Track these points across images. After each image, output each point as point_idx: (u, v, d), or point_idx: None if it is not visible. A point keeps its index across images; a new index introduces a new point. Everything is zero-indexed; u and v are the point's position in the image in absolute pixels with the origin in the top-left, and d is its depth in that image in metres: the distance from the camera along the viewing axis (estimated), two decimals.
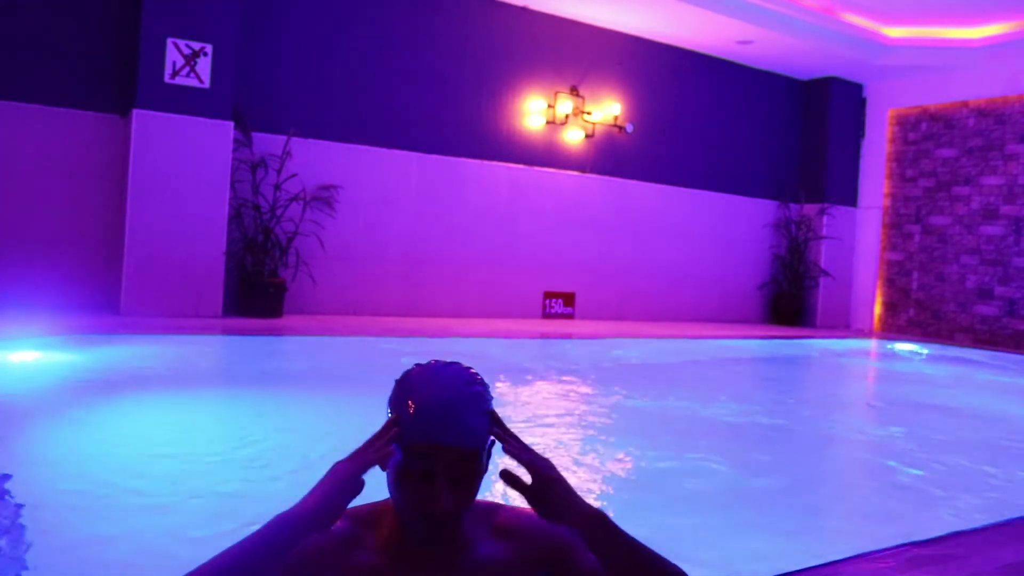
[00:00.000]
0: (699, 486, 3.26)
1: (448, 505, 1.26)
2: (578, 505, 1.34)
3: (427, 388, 1.30)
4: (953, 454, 4.16)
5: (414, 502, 1.28)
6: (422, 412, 1.28)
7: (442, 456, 1.27)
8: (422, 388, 1.30)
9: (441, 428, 1.26)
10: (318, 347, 6.37)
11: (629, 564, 1.32)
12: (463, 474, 1.29)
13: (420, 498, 1.28)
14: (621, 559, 1.32)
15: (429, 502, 1.27)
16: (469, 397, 1.30)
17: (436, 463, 1.27)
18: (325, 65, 7.74)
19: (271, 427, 3.82)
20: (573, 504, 1.34)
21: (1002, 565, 2.32)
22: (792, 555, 2.37)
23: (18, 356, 4.84)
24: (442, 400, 1.28)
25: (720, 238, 10.45)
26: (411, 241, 8.25)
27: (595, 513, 1.34)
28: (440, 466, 1.27)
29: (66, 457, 3.03)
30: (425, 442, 1.27)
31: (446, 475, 1.27)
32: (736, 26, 8.95)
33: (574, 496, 1.36)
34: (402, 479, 1.29)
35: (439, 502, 1.26)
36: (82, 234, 6.74)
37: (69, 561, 2.08)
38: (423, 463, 1.27)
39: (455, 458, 1.27)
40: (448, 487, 1.27)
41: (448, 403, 1.28)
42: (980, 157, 9.97)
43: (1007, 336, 9.64)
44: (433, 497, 1.26)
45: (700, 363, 7.44)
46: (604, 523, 1.33)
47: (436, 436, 1.26)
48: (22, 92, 6.48)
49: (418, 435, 1.27)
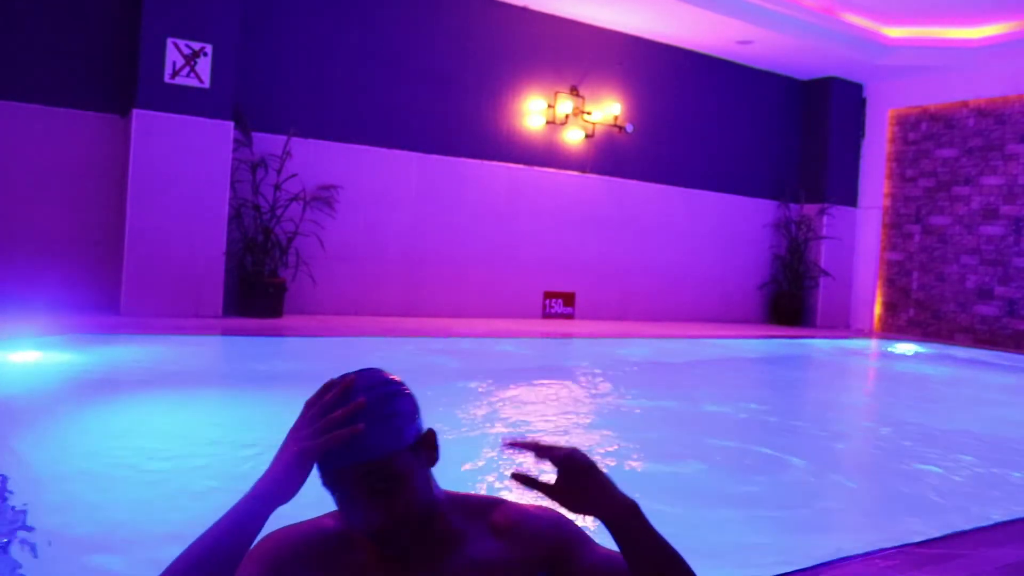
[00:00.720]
0: (699, 486, 3.26)
1: (380, 519, 1.24)
2: (614, 494, 1.31)
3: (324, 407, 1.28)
4: (953, 454, 4.16)
5: (355, 524, 1.28)
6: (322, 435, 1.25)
7: (348, 477, 1.24)
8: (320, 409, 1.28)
9: (339, 451, 1.23)
10: (318, 347, 6.37)
11: (653, 558, 1.30)
12: (381, 485, 1.25)
13: (353, 518, 1.27)
14: (647, 552, 1.30)
15: (361, 520, 1.26)
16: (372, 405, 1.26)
17: (346, 484, 1.25)
18: (325, 65, 7.74)
19: (271, 427, 3.82)
20: (609, 493, 1.31)
21: (1002, 565, 2.32)
22: (792, 555, 2.37)
23: (18, 356, 4.84)
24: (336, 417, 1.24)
25: (720, 238, 10.45)
26: (411, 241, 8.25)
27: (630, 504, 1.31)
28: (351, 486, 1.24)
29: (66, 457, 3.03)
30: (329, 468, 1.26)
31: (363, 492, 1.24)
32: (736, 26, 8.95)
33: (610, 485, 1.32)
34: (339, 506, 1.30)
35: (369, 518, 1.25)
36: (82, 234, 6.74)
37: (69, 561, 2.08)
38: (337, 487, 1.26)
39: (362, 474, 1.24)
40: (372, 502, 1.24)
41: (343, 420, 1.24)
42: (980, 157, 9.97)
43: (1007, 336, 9.64)
44: (362, 515, 1.25)
45: (700, 363, 7.44)
46: (637, 515, 1.31)
47: (336, 461, 1.24)
48: (22, 92, 6.48)
49: (322, 464, 1.26)
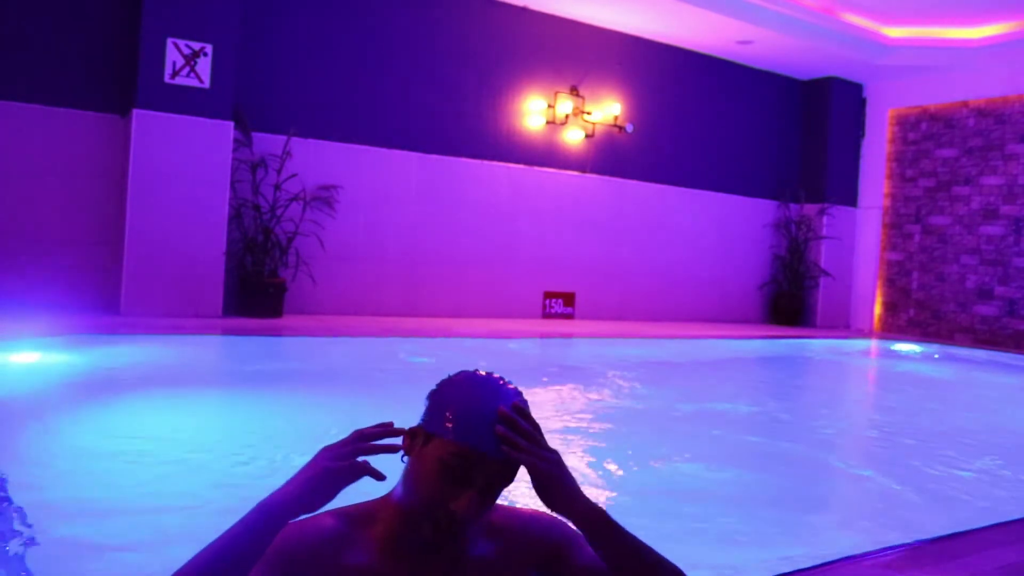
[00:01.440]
0: (698, 485, 3.26)
1: (471, 513, 1.27)
2: (580, 500, 1.35)
3: (487, 395, 1.31)
4: (953, 454, 4.16)
5: (436, 498, 1.28)
6: (484, 417, 1.29)
7: (487, 466, 1.28)
8: (482, 392, 1.31)
9: (485, 443, 1.28)
10: (318, 347, 6.37)
11: (629, 561, 1.33)
12: (497, 487, 1.30)
13: (445, 496, 1.27)
14: (621, 556, 1.33)
15: (454, 502, 1.27)
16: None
17: (478, 470, 1.27)
18: (325, 65, 7.74)
19: (271, 427, 3.82)
20: (576, 499, 1.35)
21: (1002, 565, 2.32)
22: (792, 555, 2.37)
23: (18, 356, 4.83)
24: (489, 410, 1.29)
25: (720, 238, 10.45)
26: (411, 241, 8.25)
27: (596, 509, 1.35)
28: (480, 474, 1.28)
29: (66, 457, 3.03)
30: (477, 449, 1.27)
31: (481, 483, 1.28)
32: (736, 26, 8.95)
33: (577, 491, 1.36)
34: (434, 474, 1.28)
35: (464, 506, 1.26)
36: (82, 234, 6.74)
37: (69, 561, 2.08)
38: (465, 466, 1.27)
39: (496, 471, 1.29)
40: (479, 494, 1.28)
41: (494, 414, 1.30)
42: (980, 157, 9.97)
43: (1007, 336, 9.64)
44: (460, 499, 1.27)
45: (700, 363, 7.44)
46: (605, 520, 1.35)
47: (484, 444, 1.27)
48: (22, 92, 6.48)
49: (472, 438, 1.27)
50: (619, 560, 1.34)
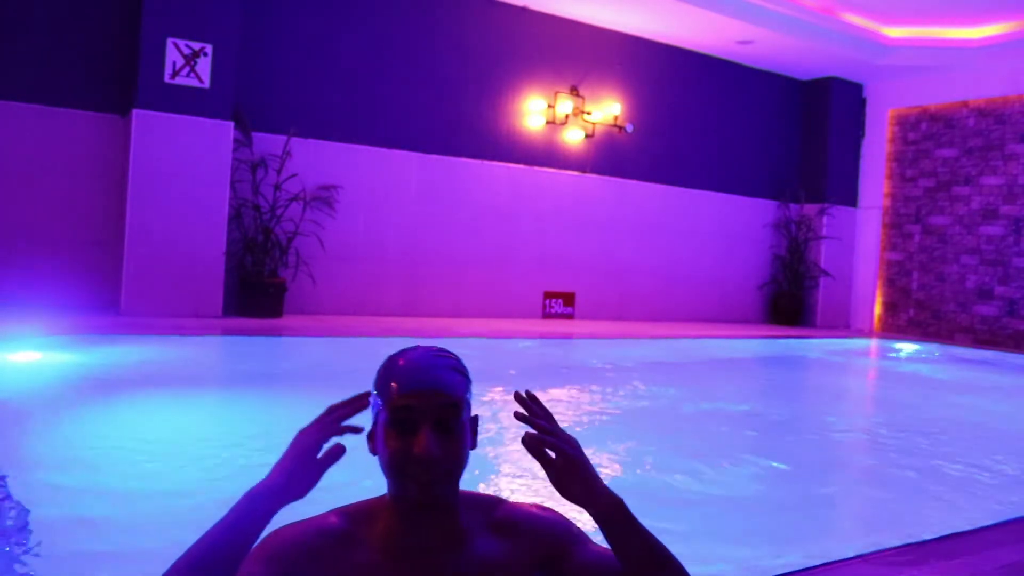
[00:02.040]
0: (698, 485, 3.26)
1: (433, 448, 1.28)
2: (599, 490, 1.36)
3: (408, 353, 1.38)
4: (953, 454, 4.16)
5: (400, 453, 1.30)
6: (404, 367, 1.35)
7: (423, 400, 1.30)
8: (404, 354, 1.39)
9: (421, 377, 1.32)
10: (318, 347, 6.37)
11: (641, 555, 1.34)
12: (446, 420, 1.31)
13: (406, 447, 1.30)
14: (634, 549, 1.34)
15: (415, 448, 1.29)
16: (446, 359, 1.38)
17: (418, 409, 1.30)
18: (325, 65, 7.74)
19: (271, 427, 3.82)
20: (595, 488, 1.36)
21: (1002, 565, 2.32)
22: (792, 555, 2.37)
23: (19, 356, 4.84)
24: (422, 358, 1.36)
25: (720, 238, 10.45)
26: (411, 241, 8.25)
27: (615, 500, 1.36)
28: (423, 414, 1.30)
29: (66, 457, 3.03)
30: (407, 391, 1.31)
31: (429, 421, 1.30)
32: (736, 26, 8.95)
33: (597, 480, 1.37)
34: (388, 435, 1.32)
35: (422, 443, 1.28)
36: (82, 234, 6.74)
37: (70, 561, 2.08)
38: (406, 412, 1.31)
39: (436, 404, 1.31)
40: (433, 432, 1.30)
41: (427, 361, 1.35)
42: (980, 157, 9.97)
43: (1007, 336, 9.64)
44: (419, 443, 1.29)
45: (700, 363, 7.44)
46: (622, 511, 1.35)
47: (416, 384, 1.31)
48: (22, 92, 6.48)
49: (401, 388, 1.32)
50: (632, 555, 1.34)
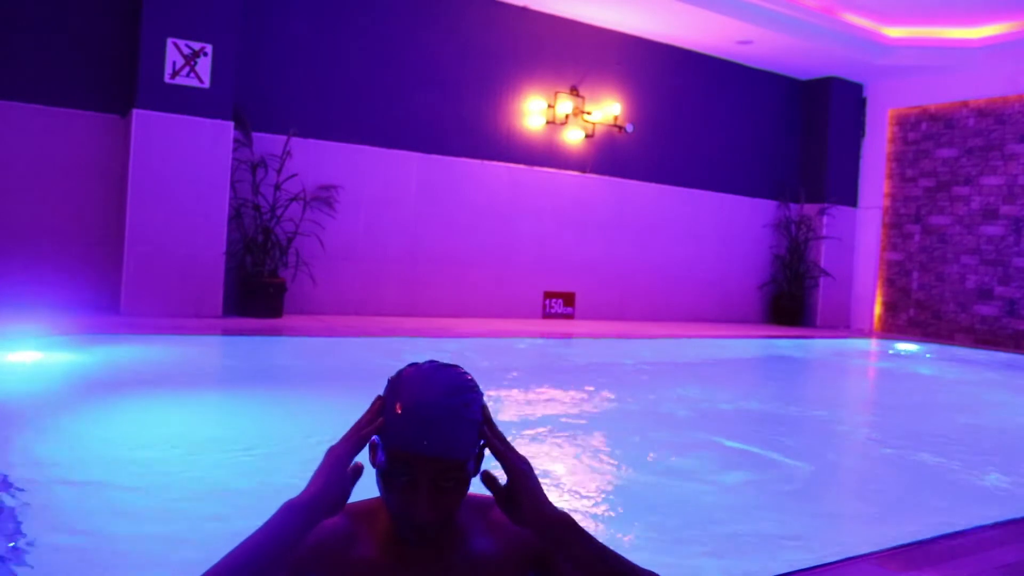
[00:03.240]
0: (699, 485, 3.26)
1: (429, 515, 1.26)
2: (544, 507, 1.32)
3: (416, 394, 1.27)
4: (953, 454, 4.16)
5: (398, 505, 1.29)
6: (409, 419, 1.25)
7: (425, 466, 1.25)
8: (411, 392, 1.28)
9: (426, 439, 1.24)
10: (318, 347, 6.37)
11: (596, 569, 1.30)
12: (447, 484, 1.28)
13: (403, 502, 1.28)
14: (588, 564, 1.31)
15: (411, 508, 1.26)
16: (458, 407, 1.27)
17: (419, 472, 1.25)
18: (325, 65, 7.74)
19: (271, 427, 3.83)
20: (540, 506, 1.32)
21: (1002, 565, 2.32)
22: (792, 555, 2.38)
23: (19, 356, 4.84)
24: (430, 409, 1.25)
25: (720, 238, 10.45)
26: (411, 241, 8.25)
27: (560, 517, 1.32)
28: (423, 476, 1.25)
29: (66, 457, 3.03)
30: (409, 451, 1.25)
31: (428, 485, 1.26)
32: (736, 26, 8.95)
33: (542, 497, 1.33)
34: (386, 482, 1.29)
35: (420, 511, 1.26)
36: (82, 234, 6.74)
37: (70, 560, 2.08)
38: (406, 470, 1.26)
39: (439, 469, 1.26)
40: (430, 496, 1.26)
41: (435, 414, 1.25)
42: (980, 157, 9.97)
43: (1007, 336, 9.64)
44: (415, 504, 1.26)
45: (700, 363, 7.44)
46: (569, 527, 1.31)
47: (420, 447, 1.24)
48: (22, 92, 6.48)
49: (402, 442, 1.25)
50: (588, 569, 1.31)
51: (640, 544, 2.41)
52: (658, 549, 2.34)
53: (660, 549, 2.34)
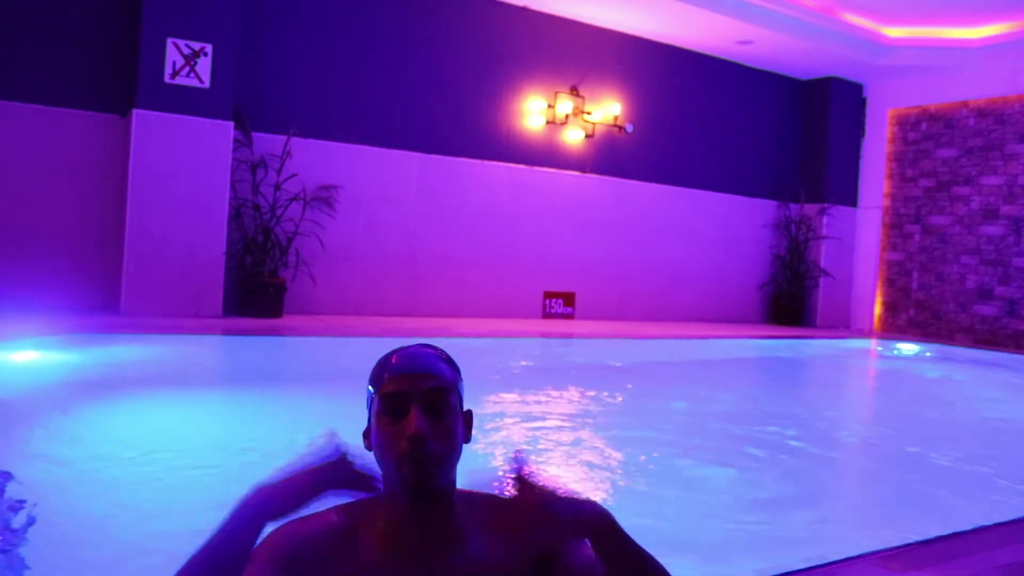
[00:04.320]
0: (697, 485, 3.26)
1: (424, 427, 1.31)
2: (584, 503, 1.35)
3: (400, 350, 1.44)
4: (953, 454, 4.16)
5: (392, 439, 1.33)
6: (399, 358, 1.40)
7: (412, 383, 1.34)
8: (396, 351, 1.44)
9: (410, 362, 1.38)
10: (318, 347, 6.37)
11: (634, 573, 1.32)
12: (435, 403, 1.35)
13: (398, 433, 1.32)
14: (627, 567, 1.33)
15: (405, 428, 1.31)
16: (435, 350, 1.44)
17: (409, 392, 1.34)
18: (325, 65, 7.74)
19: (271, 427, 3.83)
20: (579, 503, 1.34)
21: (1002, 565, 2.32)
22: (792, 555, 2.38)
23: (18, 356, 4.84)
24: (412, 349, 1.42)
25: (720, 238, 10.45)
26: (411, 241, 8.25)
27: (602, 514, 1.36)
28: (414, 394, 1.34)
29: (66, 457, 3.03)
30: (397, 374, 1.36)
31: (419, 402, 1.33)
32: (736, 26, 8.95)
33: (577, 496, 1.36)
34: (381, 423, 1.36)
35: (413, 423, 1.31)
36: (82, 234, 6.73)
37: (70, 560, 2.08)
38: (397, 396, 1.34)
39: (426, 388, 1.35)
40: (424, 414, 1.33)
41: (420, 351, 1.42)
42: (980, 157, 9.97)
43: (1007, 336, 9.64)
44: (409, 424, 1.31)
45: (700, 363, 7.44)
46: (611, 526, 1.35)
47: (406, 368, 1.37)
48: (22, 92, 6.47)
49: (394, 371, 1.37)
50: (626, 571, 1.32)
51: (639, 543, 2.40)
52: (658, 549, 2.34)
53: (660, 549, 2.34)
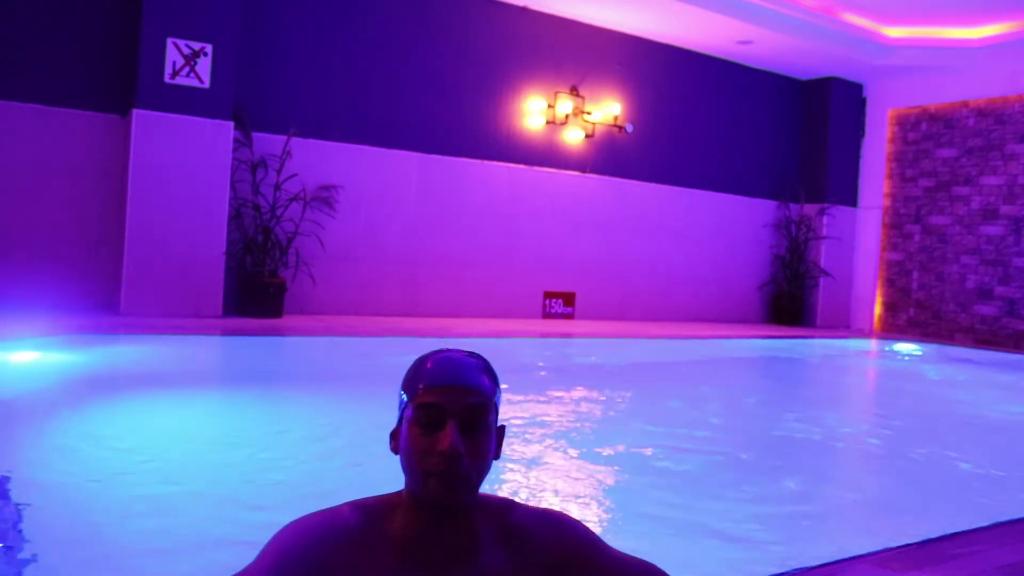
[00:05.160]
0: (697, 485, 3.26)
1: (457, 446, 1.27)
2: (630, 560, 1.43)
3: (439, 354, 1.38)
4: (953, 454, 4.16)
5: (423, 450, 1.29)
6: (438, 364, 1.35)
7: (451, 396, 1.30)
8: (434, 355, 1.38)
9: (450, 374, 1.32)
10: (318, 347, 6.37)
11: None
12: (472, 420, 1.31)
13: (431, 445, 1.29)
14: None
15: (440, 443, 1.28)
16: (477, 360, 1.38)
17: (446, 405, 1.30)
18: (325, 65, 7.74)
19: (271, 427, 3.82)
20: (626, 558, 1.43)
21: (1002, 565, 2.32)
22: (792, 555, 2.37)
23: (18, 356, 4.83)
24: (452, 357, 1.36)
25: (720, 238, 10.45)
26: (411, 241, 8.25)
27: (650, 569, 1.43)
28: (451, 408, 1.30)
29: (66, 457, 3.03)
30: (439, 384, 1.31)
31: (456, 417, 1.30)
32: (736, 26, 8.95)
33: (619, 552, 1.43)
34: (412, 432, 1.32)
35: (447, 440, 1.27)
36: (82, 234, 6.74)
37: (70, 561, 2.08)
38: (433, 409, 1.30)
39: (464, 404, 1.30)
40: (459, 430, 1.29)
41: (457, 360, 1.36)
42: (980, 157, 9.97)
43: (1007, 336, 9.64)
44: (443, 439, 1.28)
45: (700, 363, 7.44)
46: None
47: (449, 379, 1.32)
48: (22, 92, 6.48)
49: (431, 380, 1.32)
50: None
51: (641, 544, 2.40)
52: (658, 549, 2.34)
53: (660, 549, 2.34)
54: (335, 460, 3.21)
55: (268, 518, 1.46)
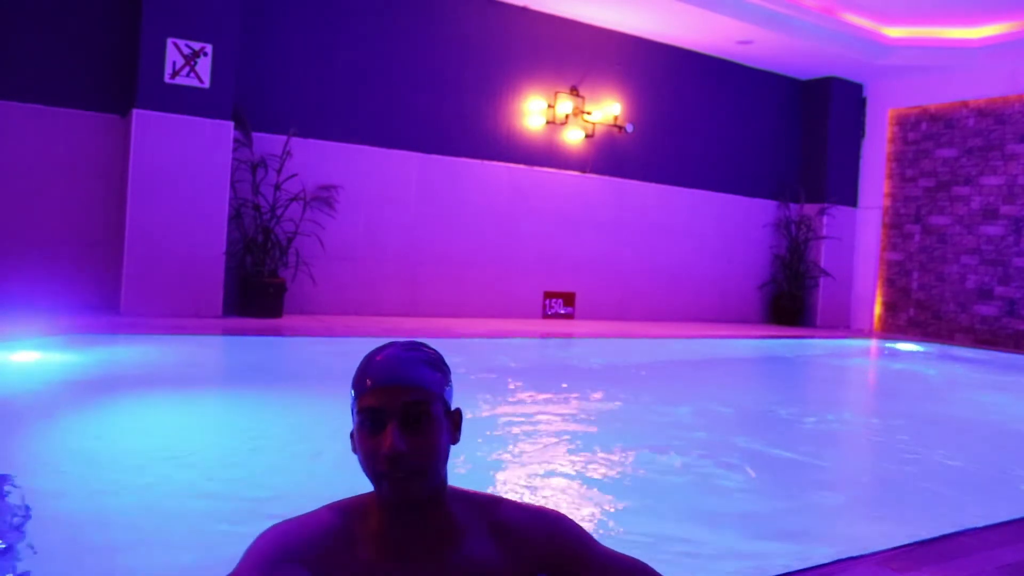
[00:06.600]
0: (698, 485, 3.26)
1: (400, 445, 1.26)
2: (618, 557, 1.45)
3: (382, 350, 1.36)
4: (953, 454, 4.16)
5: (370, 453, 1.29)
6: (372, 365, 1.33)
7: (388, 397, 1.29)
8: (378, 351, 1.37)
9: (386, 374, 1.31)
10: (318, 347, 6.37)
11: None
12: (414, 417, 1.30)
13: (376, 447, 1.29)
14: None
15: (382, 446, 1.27)
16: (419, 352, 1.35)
17: (386, 407, 1.29)
18: (325, 65, 7.74)
19: (271, 427, 3.83)
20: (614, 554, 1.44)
21: (1002, 565, 2.32)
22: (792, 555, 2.38)
23: (18, 356, 4.84)
24: (392, 355, 1.34)
25: (720, 238, 10.45)
26: (411, 241, 8.25)
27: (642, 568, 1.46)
28: (390, 408, 1.29)
29: (66, 457, 3.03)
30: (375, 387, 1.30)
31: (396, 417, 1.29)
32: (736, 26, 8.95)
33: None
34: (360, 435, 1.32)
35: (390, 443, 1.26)
36: (82, 234, 6.74)
37: (70, 561, 2.08)
38: (374, 415, 1.29)
39: (403, 402, 1.29)
40: (400, 429, 1.28)
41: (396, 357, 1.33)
42: (980, 157, 9.97)
43: (1007, 336, 9.64)
44: (385, 439, 1.27)
45: (700, 363, 7.44)
46: None
47: (383, 380, 1.30)
48: (22, 92, 6.48)
49: (367, 384, 1.31)
50: None
51: (641, 545, 2.41)
52: (658, 549, 2.34)
53: (660, 549, 2.34)
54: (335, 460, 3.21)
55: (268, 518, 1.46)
